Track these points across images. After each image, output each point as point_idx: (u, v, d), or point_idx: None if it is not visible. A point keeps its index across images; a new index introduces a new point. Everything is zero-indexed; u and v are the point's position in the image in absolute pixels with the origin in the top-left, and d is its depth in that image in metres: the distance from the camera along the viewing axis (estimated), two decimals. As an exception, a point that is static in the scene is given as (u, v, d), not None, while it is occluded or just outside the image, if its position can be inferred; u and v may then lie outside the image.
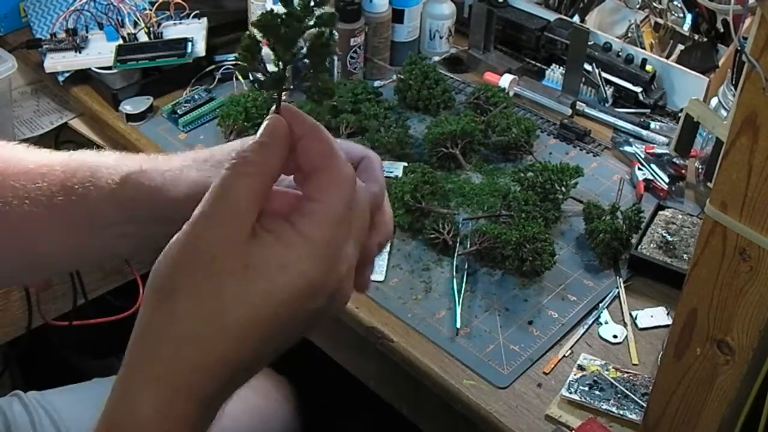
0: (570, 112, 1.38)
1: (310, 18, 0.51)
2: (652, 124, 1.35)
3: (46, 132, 1.50)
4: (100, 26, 1.46)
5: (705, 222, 0.70)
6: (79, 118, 1.50)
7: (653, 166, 1.26)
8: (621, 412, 0.94)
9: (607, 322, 1.06)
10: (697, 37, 1.38)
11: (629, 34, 1.45)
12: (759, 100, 0.62)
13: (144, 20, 1.45)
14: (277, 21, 0.51)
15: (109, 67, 1.40)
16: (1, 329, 1.43)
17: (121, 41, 1.43)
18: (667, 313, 1.07)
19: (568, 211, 1.21)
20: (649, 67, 1.38)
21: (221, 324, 0.49)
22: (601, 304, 1.08)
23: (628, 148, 1.31)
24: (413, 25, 1.49)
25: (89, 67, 1.42)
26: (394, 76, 1.43)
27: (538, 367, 1.00)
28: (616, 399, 0.95)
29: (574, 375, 0.98)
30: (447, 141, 1.26)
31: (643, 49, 1.41)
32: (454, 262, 1.11)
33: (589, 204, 1.16)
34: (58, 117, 1.51)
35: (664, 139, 1.32)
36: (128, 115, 1.38)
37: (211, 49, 1.45)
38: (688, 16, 1.37)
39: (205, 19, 1.47)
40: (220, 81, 1.44)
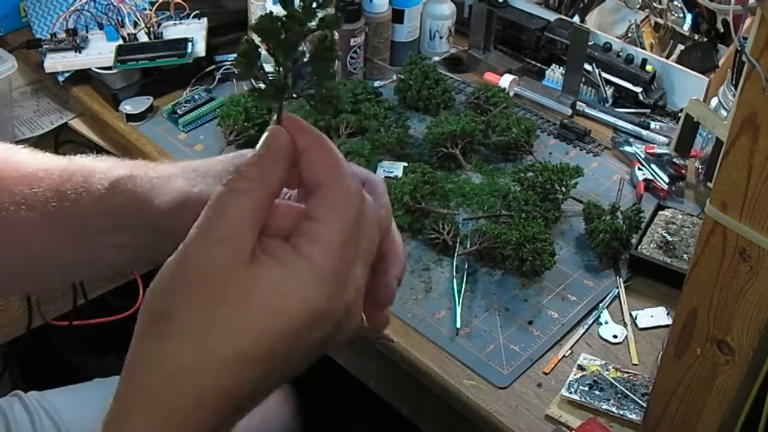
0: (570, 112, 1.39)
1: (312, 21, 0.48)
2: (652, 124, 1.35)
3: (46, 132, 1.50)
4: (100, 26, 1.46)
5: (705, 222, 0.70)
6: (79, 118, 1.50)
7: (653, 166, 1.26)
8: (621, 412, 0.94)
9: (607, 322, 1.06)
10: (697, 37, 1.38)
11: (629, 34, 1.45)
12: (759, 100, 0.61)
13: (144, 20, 1.45)
14: (277, 25, 0.47)
15: (109, 67, 1.40)
16: (1, 329, 1.43)
17: (121, 41, 1.43)
18: (667, 313, 1.07)
19: (568, 211, 1.21)
20: (649, 67, 1.38)
21: (219, 355, 0.46)
22: (601, 304, 1.08)
23: (628, 148, 1.31)
24: (413, 25, 1.49)
25: (89, 67, 1.42)
26: (394, 76, 1.43)
27: (538, 367, 1.00)
28: (616, 399, 0.95)
29: (574, 375, 0.98)
30: (447, 141, 1.26)
31: (643, 49, 1.41)
32: (454, 262, 1.11)
33: (589, 204, 1.16)
34: (58, 117, 1.51)
35: (664, 139, 1.32)
36: (128, 115, 1.38)
37: (211, 49, 1.45)
38: (688, 16, 1.37)
39: (205, 19, 1.47)
40: (220, 81, 1.44)
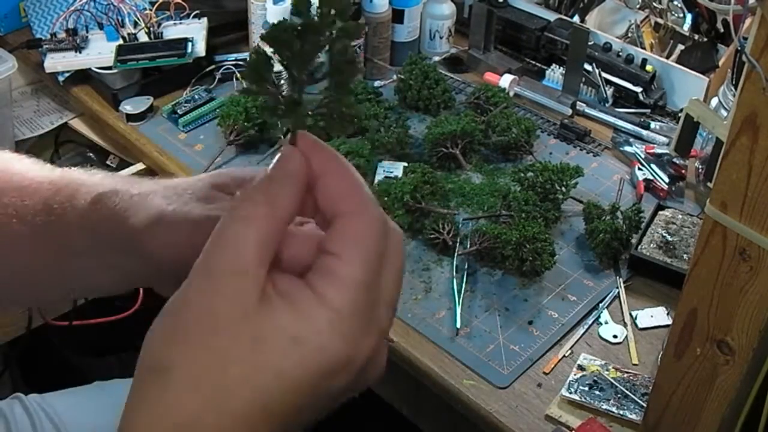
0: (570, 112, 1.38)
1: (331, 29, 0.43)
2: (652, 124, 1.35)
3: (46, 132, 1.50)
4: (100, 26, 1.46)
5: (705, 222, 0.70)
6: (79, 118, 1.51)
7: (653, 166, 1.26)
8: (621, 412, 0.94)
9: (607, 322, 1.06)
10: (697, 37, 1.38)
11: (629, 34, 1.45)
12: (759, 100, 0.61)
13: (144, 20, 1.45)
14: (292, 34, 0.42)
15: (109, 67, 1.40)
16: (1, 329, 1.43)
17: (121, 41, 1.43)
18: (667, 313, 1.07)
19: (568, 211, 1.21)
20: (649, 67, 1.38)
21: (224, 410, 0.41)
22: (601, 304, 1.08)
23: (628, 148, 1.31)
24: (413, 25, 1.49)
25: (89, 67, 1.42)
26: (394, 76, 1.43)
27: (538, 367, 1.00)
28: (616, 399, 0.95)
29: (574, 375, 0.98)
30: (447, 141, 1.26)
31: (643, 49, 1.41)
32: (454, 262, 1.11)
33: (589, 204, 1.16)
34: (58, 117, 1.51)
35: (664, 139, 1.32)
36: (128, 115, 1.38)
37: (211, 49, 1.45)
38: (688, 16, 1.37)
39: (205, 19, 1.47)
40: (220, 81, 1.44)
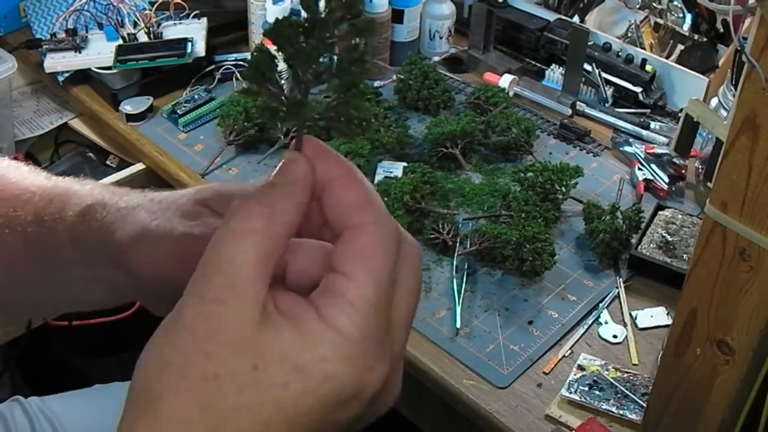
0: (570, 112, 1.38)
1: (340, 26, 0.40)
2: (652, 124, 1.35)
3: (46, 132, 1.50)
4: (100, 26, 1.46)
5: (705, 222, 0.70)
6: (79, 118, 1.51)
7: (653, 166, 1.26)
8: (621, 412, 0.94)
9: (607, 322, 1.06)
10: (697, 37, 1.38)
11: (629, 34, 1.45)
12: (759, 100, 0.61)
13: (144, 20, 1.45)
14: (297, 30, 0.40)
15: (109, 67, 1.40)
16: (1, 329, 1.43)
17: (121, 41, 1.43)
18: (667, 313, 1.06)
19: (568, 211, 1.21)
20: (649, 67, 1.38)
21: None
22: (601, 304, 1.08)
23: (628, 148, 1.31)
24: (413, 25, 1.49)
25: (89, 67, 1.42)
26: (394, 76, 1.43)
27: (538, 367, 1.00)
28: (616, 399, 0.95)
29: (574, 375, 0.98)
30: (447, 141, 1.26)
31: (643, 49, 1.41)
32: (454, 262, 1.11)
33: (589, 204, 1.16)
34: (58, 117, 1.51)
35: (664, 139, 1.32)
36: (128, 115, 1.38)
37: (211, 49, 1.45)
38: (688, 16, 1.37)
39: (204, 19, 1.47)
40: (220, 81, 1.44)
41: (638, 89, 1.38)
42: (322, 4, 0.40)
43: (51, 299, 0.67)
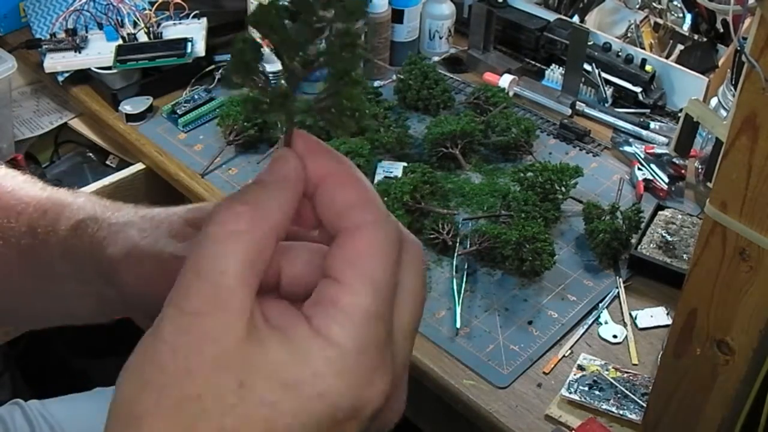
0: (570, 112, 1.39)
1: (330, 8, 0.36)
2: (652, 124, 1.35)
3: (46, 132, 1.50)
4: (100, 26, 1.46)
5: (705, 222, 0.70)
6: (79, 118, 1.51)
7: (653, 166, 1.26)
8: (621, 412, 0.94)
9: (606, 322, 1.06)
10: (696, 37, 1.38)
11: (629, 34, 1.45)
12: (759, 100, 0.61)
13: (144, 20, 1.45)
14: (281, 15, 0.36)
15: (109, 67, 1.40)
16: (1, 329, 1.43)
17: (120, 41, 1.43)
18: (667, 313, 1.06)
19: (568, 211, 1.21)
20: (648, 67, 1.38)
21: None
22: (600, 304, 1.08)
23: (627, 148, 1.31)
24: (413, 25, 1.49)
25: (89, 67, 1.42)
26: (394, 76, 1.43)
27: (538, 367, 1.00)
28: (616, 399, 0.95)
29: (574, 375, 0.98)
30: (447, 141, 1.27)
31: (643, 49, 1.41)
32: (454, 262, 1.11)
33: (589, 204, 1.16)
34: (58, 117, 1.51)
35: (664, 139, 1.32)
36: (128, 115, 1.38)
37: (210, 49, 1.45)
38: (688, 16, 1.37)
39: (204, 19, 1.47)
40: (219, 81, 1.44)
41: (638, 89, 1.38)
42: None
43: (44, 311, 0.67)
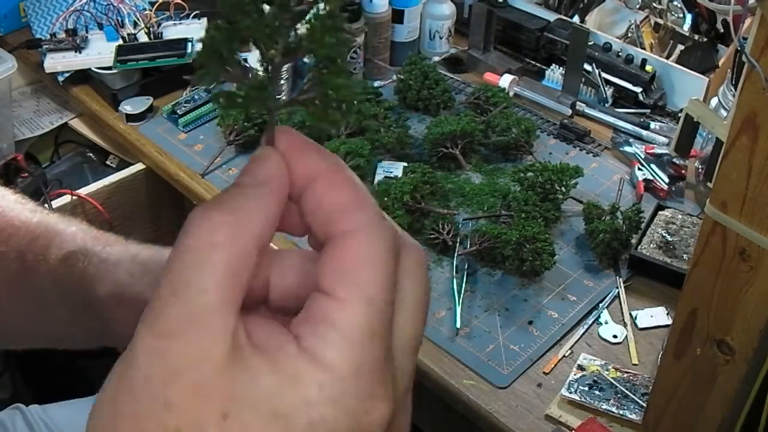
0: (570, 112, 1.39)
1: None
2: (652, 125, 1.35)
3: (46, 132, 1.50)
4: (100, 26, 1.46)
5: (705, 222, 0.70)
6: (79, 119, 1.51)
7: (653, 166, 1.26)
8: (621, 412, 0.94)
9: (607, 322, 1.06)
10: (697, 37, 1.38)
11: (629, 35, 1.45)
12: (759, 100, 0.61)
13: (144, 20, 1.45)
14: None
15: (109, 68, 1.40)
16: None
17: (121, 41, 1.43)
18: (667, 313, 1.06)
19: (568, 211, 1.21)
20: (649, 68, 1.38)
21: None
22: (601, 304, 1.08)
23: (628, 149, 1.31)
24: (413, 25, 1.49)
25: (89, 67, 1.42)
26: (394, 76, 1.43)
27: (538, 367, 1.00)
28: (616, 399, 0.95)
29: (574, 375, 0.98)
30: (447, 141, 1.27)
31: (643, 49, 1.41)
32: (454, 262, 1.11)
33: (589, 204, 1.16)
34: (58, 117, 1.51)
35: (664, 139, 1.32)
36: (128, 115, 1.38)
37: (211, 49, 1.44)
38: (688, 17, 1.37)
39: (205, 19, 1.47)
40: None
41: (638, 89, 1.38)
42: None
43: (32, 335, 0.67)
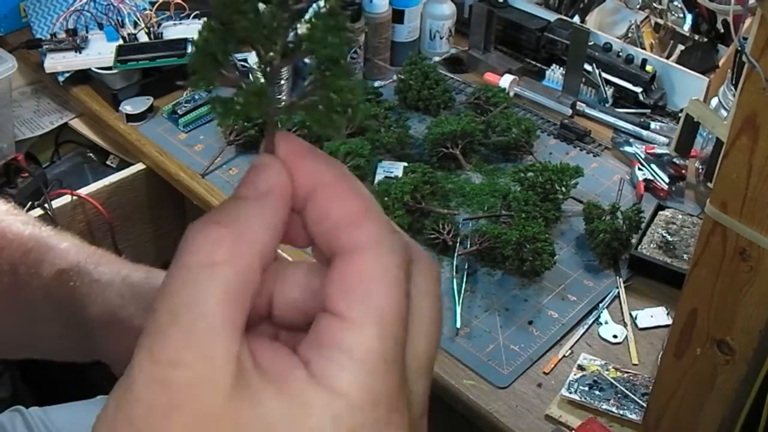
0: (570, 112, 1.38)
1: None
2: (652, 125, 1.35)
3: (46, 132, 1.50)
4: (100, 26, 1.46)
5: (705, 222, 0.70)
6: (79, 119, 1.51)
7: (653, 166, 1.26)
8: (621, 412, 0.94)
9: (607, 322, 1.06)
10: (697, 37, 1.38)
11: (629, 35, 1.45)
12: (759, 100, 0.61)
13: (144, 20, 1.45)
14: None
15: (109, 68, 1.40)
16: None
17: (121, 41, 1.43)
18: (667, 313, 1.06)
19: (568, 211, 1.21)
20: (649, 68, 1.38)
21: None
22: (601, 304, 1.08)
23: (628, 149, 1.31)
24: (413, 25, 1.49)
25: (89, 67, 1.42)
26: (395, 76, 1.43)
27: (538, 367, 1.00)
28: (616, 399, 0.95)
29: (574, 375, 0.98)
30: (447, 141, 1.27)
31: (643, 49, 1.41)
32: (454, 262, 1.11)
33: (589, 204, 1.16)
34: (58, 117, 1.51)
35: (664, 139, 1.32)
36: (128, 115, 1.38)
37: (211, 50, 1.44)
38: (688, 17, 1.37)
39: (205, 20, 1.47)
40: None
41: (638, 89, 1.38)
42: None
43: (23, 347, 0.67)
